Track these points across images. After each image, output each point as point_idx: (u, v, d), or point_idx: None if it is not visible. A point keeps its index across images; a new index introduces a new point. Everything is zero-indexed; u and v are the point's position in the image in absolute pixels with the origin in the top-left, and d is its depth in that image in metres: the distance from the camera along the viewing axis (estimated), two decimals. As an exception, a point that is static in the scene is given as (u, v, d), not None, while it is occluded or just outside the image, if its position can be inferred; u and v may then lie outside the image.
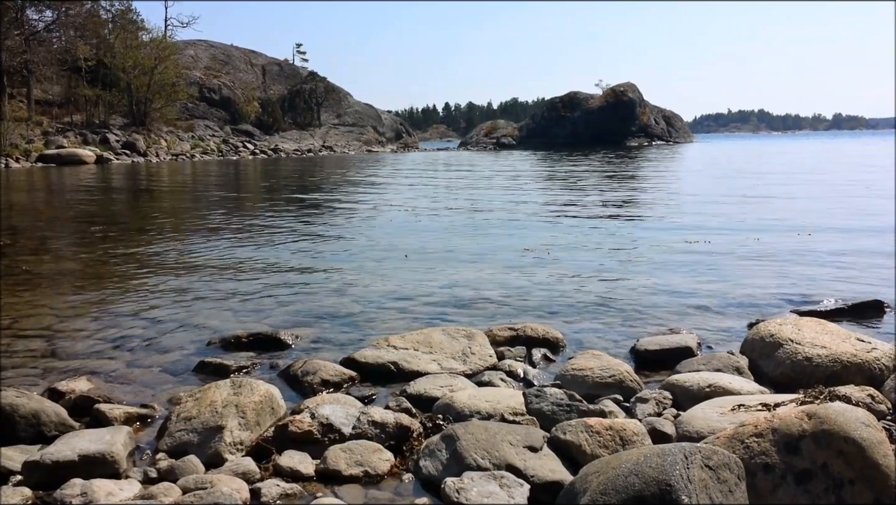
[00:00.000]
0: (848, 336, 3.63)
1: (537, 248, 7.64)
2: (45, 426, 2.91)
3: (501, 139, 65.77)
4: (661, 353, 3.89)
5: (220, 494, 2.30)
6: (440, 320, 4.73)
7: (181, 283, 6.04)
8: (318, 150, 54.55)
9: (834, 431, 2.12)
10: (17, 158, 31.19)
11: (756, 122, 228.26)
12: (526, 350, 4.08)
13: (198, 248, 7.95)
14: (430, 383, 3.43)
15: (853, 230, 8.77)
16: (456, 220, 10.53)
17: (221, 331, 4.48)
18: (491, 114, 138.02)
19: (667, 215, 10.80)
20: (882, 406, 2.82)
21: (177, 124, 47.26)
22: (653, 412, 3.06)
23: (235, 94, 54.75)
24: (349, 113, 64.89)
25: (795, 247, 7.49)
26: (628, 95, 61.73)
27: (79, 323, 4.75)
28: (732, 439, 2.22)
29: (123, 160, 36.38)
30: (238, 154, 46.08)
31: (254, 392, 3.04)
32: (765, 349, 3.65)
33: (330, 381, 3.54)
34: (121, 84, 43.29)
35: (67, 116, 41.25)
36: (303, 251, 7.72)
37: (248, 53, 62.77)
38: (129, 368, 3.86)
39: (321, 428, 2.81)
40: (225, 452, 2.72)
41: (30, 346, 4.24)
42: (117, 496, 2.36)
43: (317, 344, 4.30)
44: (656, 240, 8.20)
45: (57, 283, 6.18)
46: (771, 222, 9.65)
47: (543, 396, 3.08)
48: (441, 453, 2.58)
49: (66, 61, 40.66)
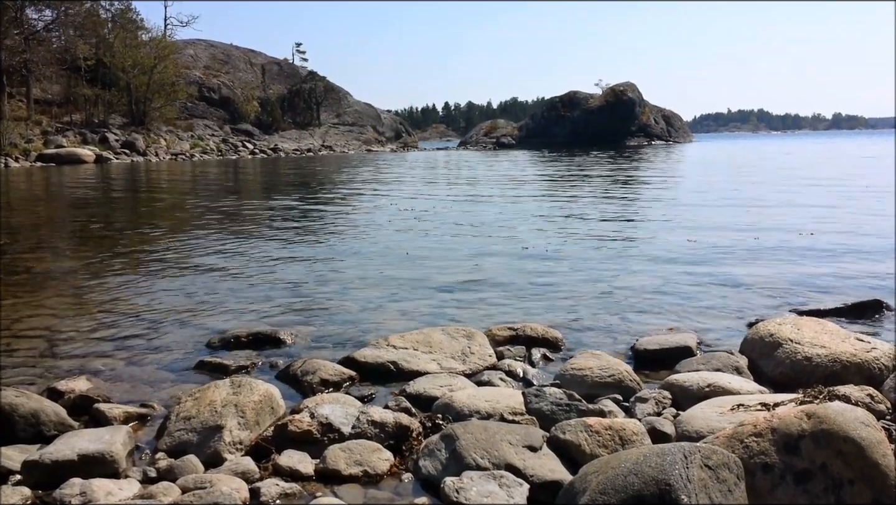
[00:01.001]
0: (847, 336, 3.63)
1: (537, 247, 7.64)
2: (44, 426, 2.91)
3: (501, 139, 65.77)
4: (660, 352, 3.89)
5: (220, 494, 2.30)
6: (440, 320, 4.73)
7: (180, 282, 6.04)
8: (317, 149, 54.54)
9: (833, 431, 2.12)
10: (16, 158, 31.19)
11: (756, 122, 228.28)
12: (525, 350, 4.08)
13: (197, 248, 7.95)
14: (430, 383, 3.43)
15: (853, 230, 8.77)
16: (455, 219, 10.52)
17: (221, 330, 4.48)
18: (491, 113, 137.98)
19: (666, 215, 10.80)
20: (881, 406, 2.82)
21: (176, 124, 47.24)
22: (652, 412, 3.06)
23: (235, 94, 54.71)
24: (349, 112, 64.87)
25: (795, 246, 7.49)
26: (628, 95, 61.71)
27: (78, 322, 4.75)
28: (732, 439, 2.22)
29: (123, 160, 36.37)
30: (237, 153, 46.06)
31: (253, 392, 3.04)
32: (764, 349, 3.65)
33: (329, 380, 3.54)
34: (120, 83, 43.26)
35: (67, 116, 41.22)
36: (302, 250, 7.72)
37: (247, 53, 62.76)
38: (128, 368, 3.85)
39: (320, 427, 2.81)
40: (224, 452, 2.72)
41: (29, 345, 4.24)
42: (117, 496, 2.36)
43: (316, 343, 4.29)
44: (656, 239, 8.20)
45: (56, 282, 6.18)
46: (771, 222, 9.65)
47: (543, 395, 3.08)
48: (440, 453, 2.58)
49: (65, 61, 40.63)
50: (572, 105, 63.07)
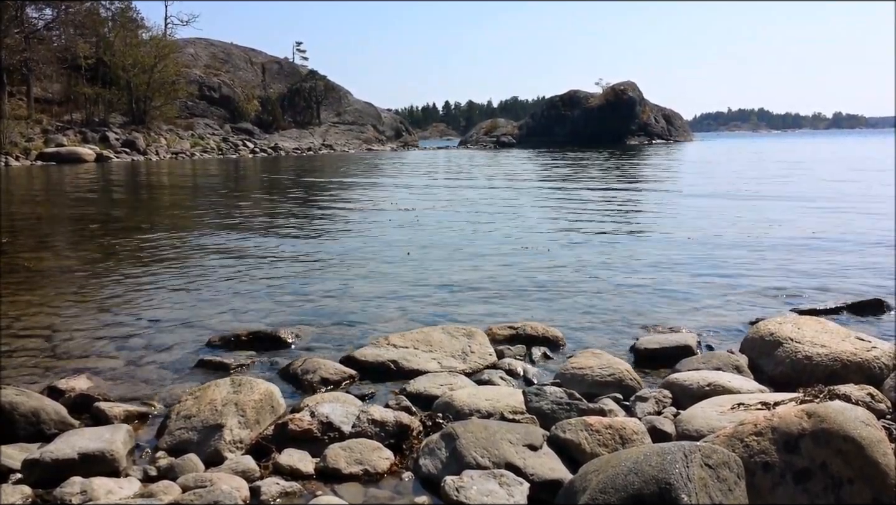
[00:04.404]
0: (848, 335, 3.63)
1: (537, 246, 7.64)
2: (44, 424, 2.91)
3: (501, 138, 65.77)
4: (660, 351, 3.89)
5: (220, 493, 2.30)
6: (440, 319, 4.73)
7: (181, 281, 6.04)
8: (317, 148, 54.53)
9: (833, 430, 2.12)
10: (16, 157, 31.18)
11: (756, 121, 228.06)
12: (526, 349, 4.08)
13: (197, 247, 7.95)
14: (430, 382, 3.43)
15: (853, 229, 8.76)
16: (455, 218, 10.52)
17: (221, 329, 4.48)
18: (491, 112, 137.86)
19: (666, 213, 10.80)
20: (881, 405, 2.82)
21: (176, 122, 47.22)
22: (652, 411, 3.06)
23: (235, 93, 54.67)
24: (349, 111, 64.84)
25: (796, 245, 7.49)
26: (628, 94, 61.72)
27: (78, 321, 4.75)
28: (732, 438, 2.22)
29: (123, 158, 36.36)
30: (238, 152, 46.05)
31: (253, 390, 3.04)
32: (764, 348, 3.65)
33: (329, 379, 3.54)
34: (120, 82, 43.22)
35: (67, 114, 41.19)
36: (303, 249, 7.72)
37: (247, 52, 62.70)
38: (128, 367, 3.86)
39: (321, 426, 2.81)
40: (224, 451, 2.72)
41: (29, 344, 4.24)
42: (117, 494, 2.36)
43: (316, 342, 4.30)
44: (656, 238, 8.20)
45: (57, 281, 6.18)
46: (771, 221, 9.65)
47: (543, 394, 3.08)
48: (441, 452, 2.58)
49: (65, 59, 40.59)
50: (573, 104, 63.09)
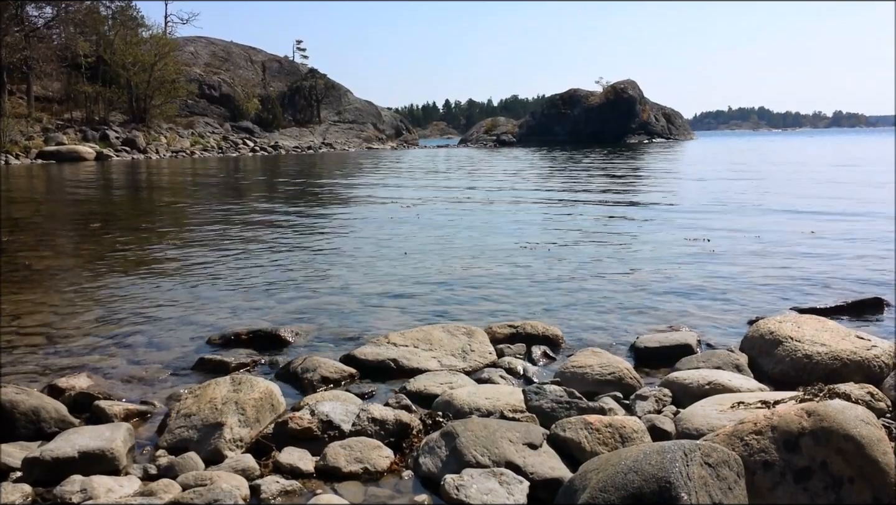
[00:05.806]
0: (848, 334, 3.63)
1: (537, 245, 7.64)
2: (44, 423, 2.91)
3: (501, 136, 65.77)
4: (660, 350, 3.89)
5: (220, 491, 2.30)
6: (440, 317, 4.73)
7: (181, 279, 6.04)
8: (318, 147, 54.53)
9: (833, 429, 2.12)
10: (16, 155, 31.20)
11: (756, 120, 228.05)
12: (526, 347, 4.07)
13: (197, 245, 7.95)
14: (430, 380, 3.43)
15: (853, 229, 8.76)
16: (455, 216, 10.52)
17: (221, 328, 4.48)
18: (491, 111, 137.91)
19: (667, 213, 10.79)
20: (881, 404, 2.82)
21: (177, 121, 47.25)
22: (652, 409, 3.06)
23: (235, 91, 54.68)
24: (349, 110, 64.85)
25: (795, 244, 7.48)
26: (628, 93, 61.70)
27: (78, 320, 4.75)
28: (732, 437, 2.22)
29: (123, 157, 36.38)
30: (238, 151, 46.06)
31: (253, 389, 3.04)
32: (764, 347, 3.65)
33: (330, 378, 3.54)
34: (120, 81, 43.24)
35: (67, 113, 41.23)
36: (302, 248, 7.72)
37: (247, 50, 62.71)
38: (128, 365, 3.86)
39: (321, 425, 2.81)
40: (225, 449, 2.72)
41: (30, 342, 4.24)
42: (117, 493, 2.36)
43: (317, 341, 4.30)
44: (656, 237, 8.20)
45: (57, 279, 6.18)
46: (771, 221, 9.64)
47: (543, 393, 3.08)
48: (440, 450, 2.58)
49: (65, 58, 40.62)
50: (573, 103, 63.09)
